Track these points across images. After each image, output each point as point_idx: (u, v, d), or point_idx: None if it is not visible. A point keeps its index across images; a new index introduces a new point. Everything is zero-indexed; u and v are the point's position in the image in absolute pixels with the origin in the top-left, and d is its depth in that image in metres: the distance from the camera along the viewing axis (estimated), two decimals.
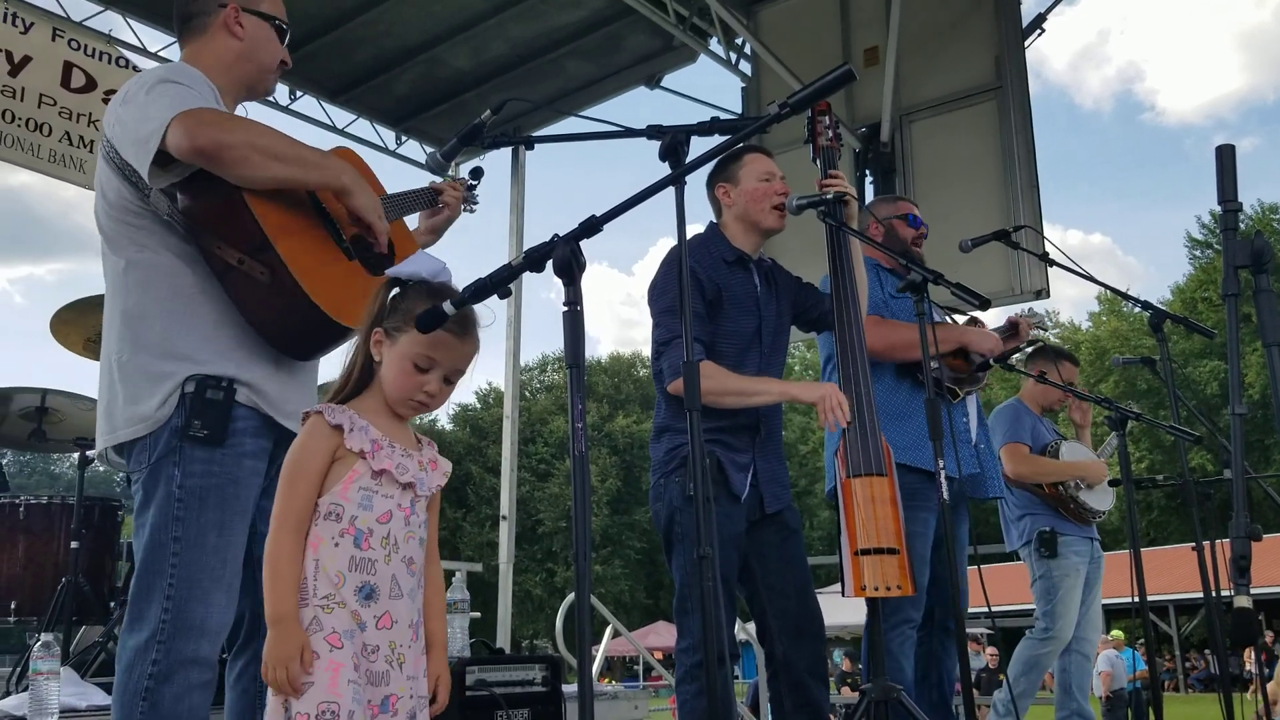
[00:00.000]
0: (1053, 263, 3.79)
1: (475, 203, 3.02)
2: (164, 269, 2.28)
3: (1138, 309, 3.82)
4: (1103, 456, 5.26)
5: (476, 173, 3.04)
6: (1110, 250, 67.57)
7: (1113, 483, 5.22)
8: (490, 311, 2.05)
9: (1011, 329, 4.13)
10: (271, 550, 1.90)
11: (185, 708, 2.11)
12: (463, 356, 2.03)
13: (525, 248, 2.69)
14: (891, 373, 3.76)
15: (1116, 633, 15.20)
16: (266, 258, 2.17)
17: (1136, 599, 3.71)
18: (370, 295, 2.06)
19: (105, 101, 6.26)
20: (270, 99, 7.57)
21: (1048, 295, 6.57)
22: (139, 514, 2.25)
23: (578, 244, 1.94)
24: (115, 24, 6.64)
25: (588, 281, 1.90)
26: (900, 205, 4.09)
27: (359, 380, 2.04)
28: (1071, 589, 4.84)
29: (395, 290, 2.04)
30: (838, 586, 2.95)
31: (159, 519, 2.20)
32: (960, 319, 4.09)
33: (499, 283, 2.03)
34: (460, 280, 1.99)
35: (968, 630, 3.55)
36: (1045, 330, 4.26)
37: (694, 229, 3.35)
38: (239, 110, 2.56)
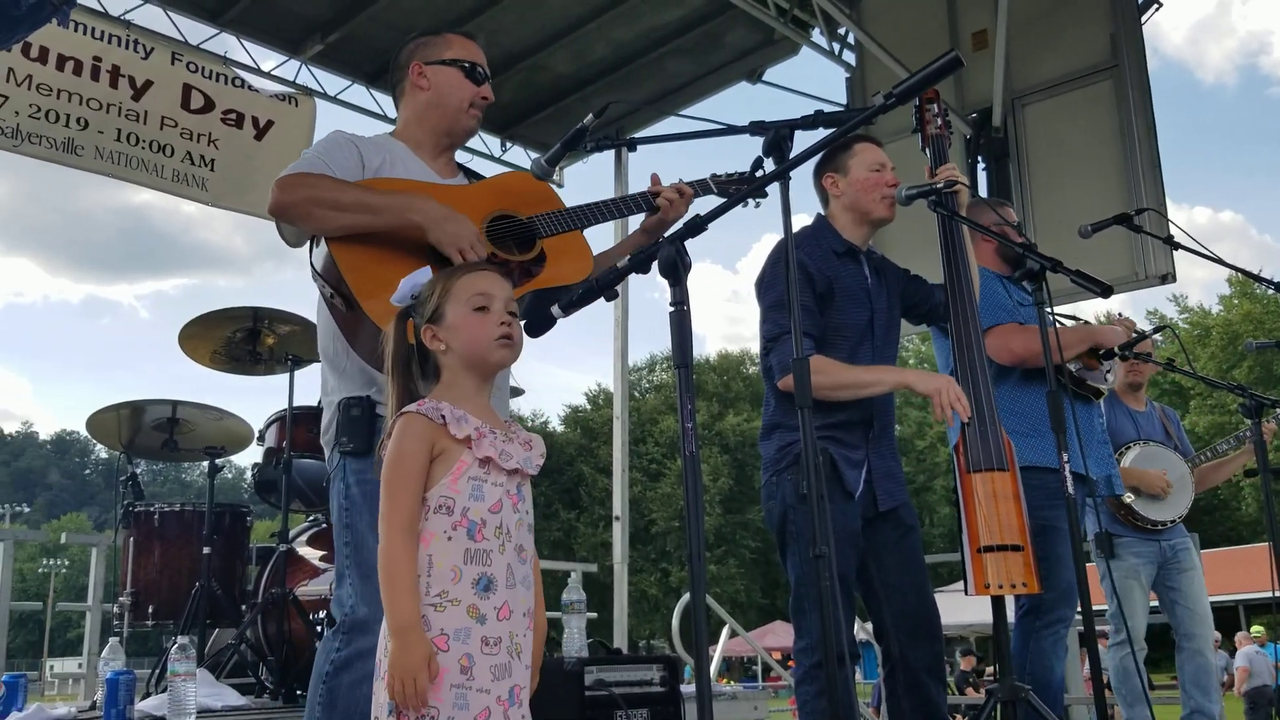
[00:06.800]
0: (1178, 245, 3.64)
1: (764, 195, 2.69)
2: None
3: (1271, 290, 3.63)
4: (1223, 450, 5.09)
5: (757, 164, 2.87)
6: (1243, 228, 64.94)
7: (1249, 473, 5.02)
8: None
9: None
10: (386, 558, 1.89)
11: (360, 695, 2.25)
12: (500, 284, 2.08)
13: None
14: (1018, 374, 3.67)
15: (1257, 629, 14.59)
16: (343, 290, 2.40)
17: (1277, 593, 3.56)
18: None
19: (223, 121, 6.49)
20: (372, 109, 7.68)
21: (1174, 279, 6.32)
22: None
23: (683, 244, 1.93)
24: (230, 45, 6.87)
25: (693, 280, 1.89)
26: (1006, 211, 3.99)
27: (406, 390, 2.05)
28: (1130, 590, 4.77)
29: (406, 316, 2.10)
30: (960, 585, 2.88)
31: (336, 526, 2.50)
32: (1069, 323, 3.99)
33: (606, 285, 2.05)
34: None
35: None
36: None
37: (798, 221, 3.30)
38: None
